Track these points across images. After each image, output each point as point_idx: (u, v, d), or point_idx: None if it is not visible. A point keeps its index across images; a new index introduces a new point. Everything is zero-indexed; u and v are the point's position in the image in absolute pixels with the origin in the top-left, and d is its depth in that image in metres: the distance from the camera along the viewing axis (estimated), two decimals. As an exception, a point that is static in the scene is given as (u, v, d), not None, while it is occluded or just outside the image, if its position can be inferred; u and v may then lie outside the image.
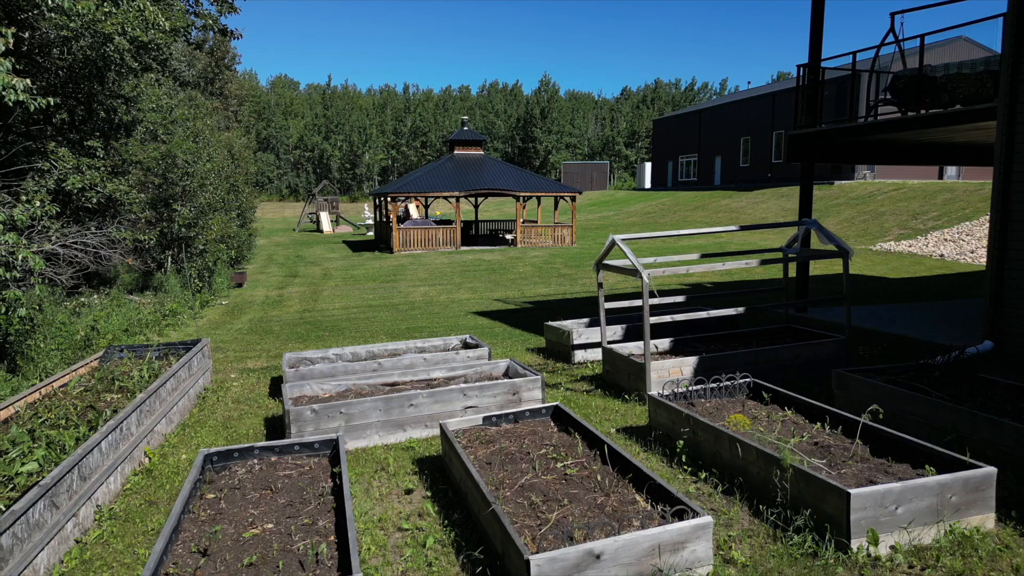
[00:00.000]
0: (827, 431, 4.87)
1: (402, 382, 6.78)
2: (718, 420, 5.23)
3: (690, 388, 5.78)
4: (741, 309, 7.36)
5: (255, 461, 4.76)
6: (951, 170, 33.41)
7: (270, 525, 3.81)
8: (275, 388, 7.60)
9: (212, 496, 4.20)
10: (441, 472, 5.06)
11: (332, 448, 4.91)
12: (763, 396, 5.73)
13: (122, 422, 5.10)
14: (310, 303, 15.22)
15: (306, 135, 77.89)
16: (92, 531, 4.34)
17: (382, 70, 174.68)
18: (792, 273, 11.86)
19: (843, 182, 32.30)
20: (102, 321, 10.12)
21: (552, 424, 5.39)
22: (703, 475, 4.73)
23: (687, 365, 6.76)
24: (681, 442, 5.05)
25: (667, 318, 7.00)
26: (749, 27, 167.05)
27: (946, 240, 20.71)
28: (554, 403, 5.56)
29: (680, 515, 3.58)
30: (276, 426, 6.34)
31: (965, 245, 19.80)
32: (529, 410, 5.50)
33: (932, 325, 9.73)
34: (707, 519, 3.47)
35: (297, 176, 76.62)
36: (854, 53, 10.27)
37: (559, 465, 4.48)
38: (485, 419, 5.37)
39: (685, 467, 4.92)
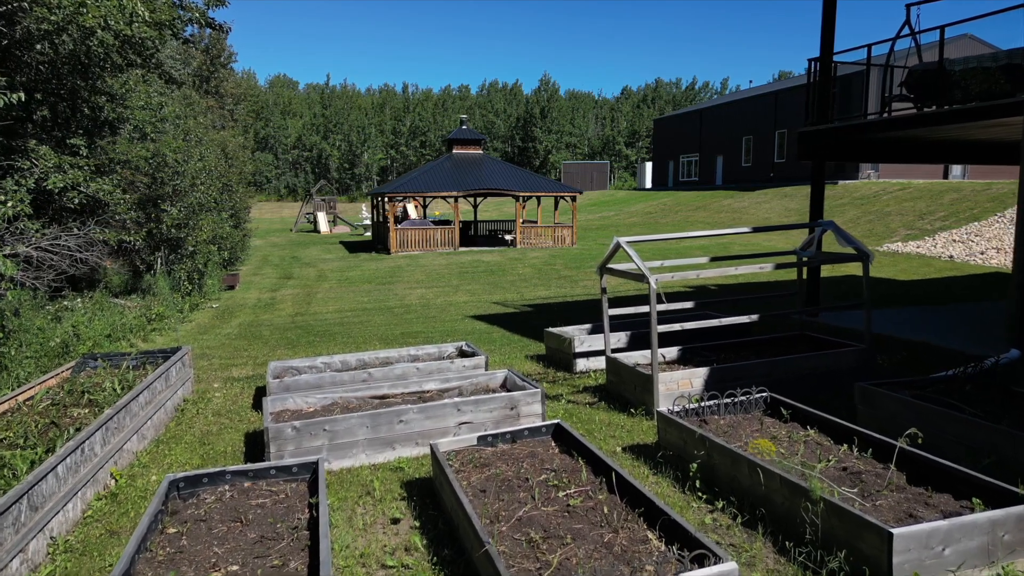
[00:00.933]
0: (855, 454, 4.44)
1: (392, 395, 6.35)
2: (734, 440, 4.80)
3: (702, 403, 5.35)
4: (755, 316, 6.93)
5: (226, 487, 4.32)
6: (956, 169, 32.92)
7: (235, 567, 3.38)
8: (259, 399, 7.17)
9: (174, 531, 3.77)
10: (432, 497, 4.63)
11: (312, 472, 4.48)
12: (782, 412, 5.29)
13: (83, 442, 4.66)
14: (303, 306, 14.78)
15: (304, 135, 77.32)
16: (43, 567, 3.91)
17: (381, 70, 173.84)
18: (804, 277, 11.41)
19: (847, 182, 31.84)
20: (83, 326, 9.67)
21: (553, 444, 4.95)
22: (720, 503, 4.29)
23: (697, 377, 6.32)
24: (694, 465, 4.62)
25: (676, 326, 6.57)
26: (749, 27, 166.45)
27: (955, 241, 20.27)
28: (555, 420, 5.12)
29: (699, 560, 3.15)
30: (257, 442, 5.90)
31: (975, 246, 19.36)
32: (528, 428, 5.07)
33: (949, 330, 9.30)
34: (732, 566, 3.04)
35: (295, 176, 76.04)
36: (868, 46, 9.82)
37: (561, 494, 4.04)
38: (480, 439, 4.93)
39: (699, 493, 4.48)
